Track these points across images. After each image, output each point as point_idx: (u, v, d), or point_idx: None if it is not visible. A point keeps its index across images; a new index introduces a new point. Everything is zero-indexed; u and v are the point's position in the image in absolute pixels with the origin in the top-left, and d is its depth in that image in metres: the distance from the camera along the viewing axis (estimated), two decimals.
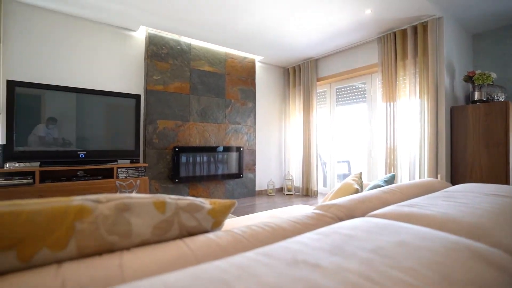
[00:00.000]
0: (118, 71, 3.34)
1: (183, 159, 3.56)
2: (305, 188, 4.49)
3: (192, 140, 3.72)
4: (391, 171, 3.32)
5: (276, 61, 4.68)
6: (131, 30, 3.42)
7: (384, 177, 1.55)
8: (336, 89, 4.43)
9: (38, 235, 0.41)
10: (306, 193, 4.48)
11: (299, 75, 4.69)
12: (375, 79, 3.84)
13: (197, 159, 3.70)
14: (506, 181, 2.71)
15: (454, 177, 3.04)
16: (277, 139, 4.95)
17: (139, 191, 3.02)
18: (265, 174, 4.73)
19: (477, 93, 3.04)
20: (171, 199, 0.57)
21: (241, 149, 4.12)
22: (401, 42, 3.26)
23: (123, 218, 0.49)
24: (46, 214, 0.42)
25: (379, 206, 0.90)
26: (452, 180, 3.05)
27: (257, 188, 4.60)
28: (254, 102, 4.40)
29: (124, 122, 3.10)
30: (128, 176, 3.01)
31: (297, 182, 4.73)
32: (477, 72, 2.98)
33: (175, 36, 3.57)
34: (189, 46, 3.71)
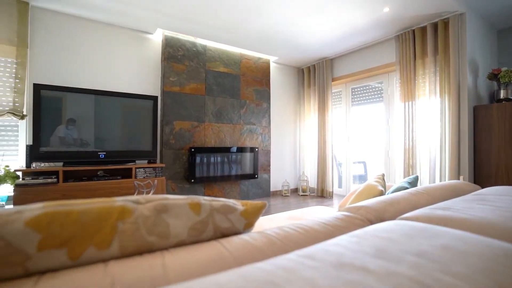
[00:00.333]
0: (135, 73, 3.42)
1: (198, 159, 3.59)
2: (320, 189, 4.44)
3: (208, 141, 3.75)
4: (409, 172, 3.23)
5: (291, 61, 4.66)
6: (148, 33, 3.49)
7: (407, 179, 1.51)
8: (352, 89, 4.37)
9: (86, 234, 0.42)
10: (321, 194, 4.43)
11: (314, 75, 4.65)
12: (392, 78, 3.76)
13: (213, 159, 3.73)
14: None
15: (477, 179, 2.92)
16: (291, 140, 4.92)
17: (157, 191, 3.07)
18: (279, 175, 4.71)
19: (502, 91, 2.92)
20: (205, 201, 0.57)
21: (256, 149, 4.12)
22: (421, 40, 3.17)
23: (162, 219, 0.50)
24: (93, 214, 0.44)
25: (408, 209, 0.88)
26: (475, 182, 2.94)
27: (272, 188, 4.59)
28: (269, 103, 4.39)
29: (141, 123, 3.16)
30: (146, 176, 3.07)
31: (312, 183, 4.69)
32: (503, 69, 2.86)
33: (191, 38, 3.61)
34: (204, 47, 3.74)
